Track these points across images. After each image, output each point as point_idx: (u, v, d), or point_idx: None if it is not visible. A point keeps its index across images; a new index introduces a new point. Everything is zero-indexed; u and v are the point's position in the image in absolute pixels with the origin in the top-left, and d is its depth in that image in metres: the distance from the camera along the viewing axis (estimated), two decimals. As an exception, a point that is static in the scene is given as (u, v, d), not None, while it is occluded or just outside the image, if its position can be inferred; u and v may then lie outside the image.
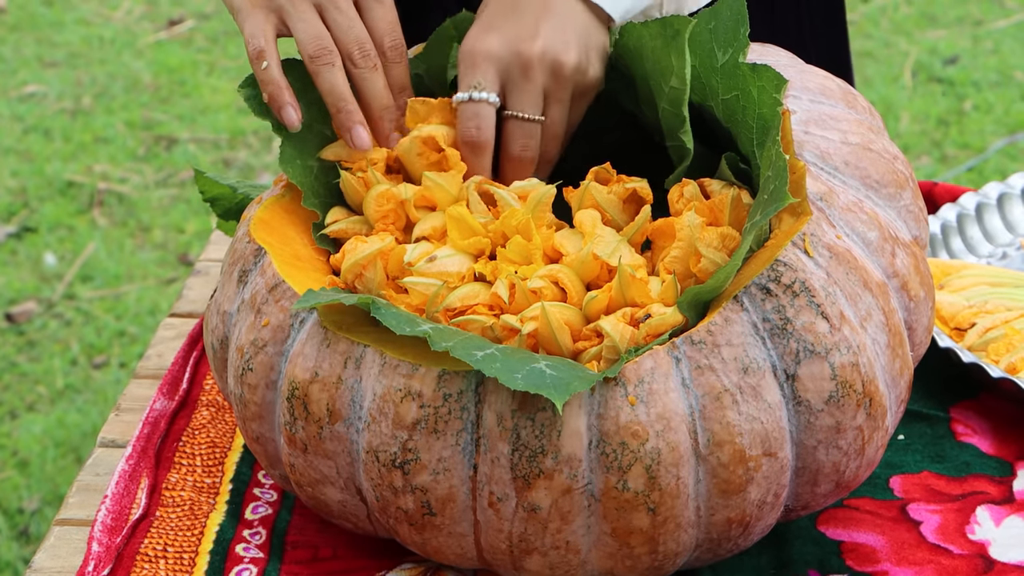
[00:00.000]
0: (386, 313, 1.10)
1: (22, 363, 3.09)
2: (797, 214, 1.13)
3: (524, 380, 1.05)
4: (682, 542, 1.12)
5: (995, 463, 1.34)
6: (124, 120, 3.95)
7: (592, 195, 1.20)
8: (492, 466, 1.09)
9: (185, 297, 1.64)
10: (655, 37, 1.21)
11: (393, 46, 1.28)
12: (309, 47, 1.25)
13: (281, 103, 1.25)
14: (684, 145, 1.21)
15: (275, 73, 1.25)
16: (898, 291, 1.17)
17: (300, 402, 1.13)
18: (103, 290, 3.30)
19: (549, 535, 1.10)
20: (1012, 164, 3.61)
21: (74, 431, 2.89)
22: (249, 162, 3.76)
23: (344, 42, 1.26)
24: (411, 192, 1.22)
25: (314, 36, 1.25)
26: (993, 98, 3.90)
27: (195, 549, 1.25)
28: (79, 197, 3.63)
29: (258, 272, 1.19)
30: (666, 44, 1.21)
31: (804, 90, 1.23)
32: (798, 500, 1.16)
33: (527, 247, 1.17)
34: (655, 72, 1.23)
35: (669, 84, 1.21)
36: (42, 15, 4.50)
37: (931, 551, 1.24)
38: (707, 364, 1.09)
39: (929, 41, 4.20)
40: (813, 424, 1.11)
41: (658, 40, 1.21)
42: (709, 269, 1.13)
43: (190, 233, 3.49)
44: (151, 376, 1.50)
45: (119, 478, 1.32)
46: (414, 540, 1.15)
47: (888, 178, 1.20)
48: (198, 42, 4.34)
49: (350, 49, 1.26)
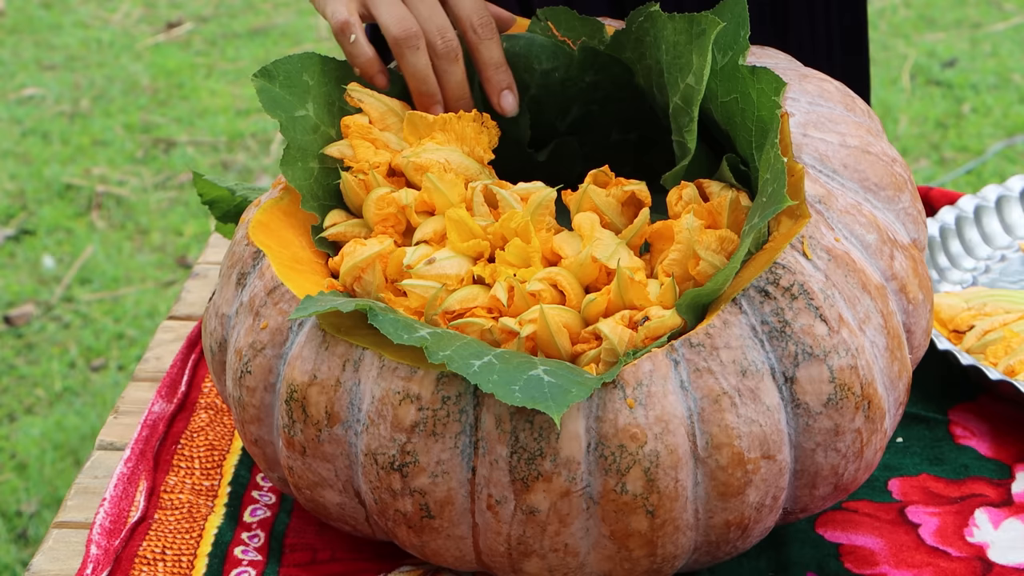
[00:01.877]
0: (383, 320, 1.10)
1: (20, 366, 3.09)
2: (796, 217, 1.13)
3: (521, 393, 1.05)
4: (680, 545, 1.12)
5: (994, 465, 1.34)
6: (122, 123, 3.95)
7: (590, 198, 1.20)
8: (491, 468, 1.09)
9: (183, 300, 1.64)
10: (679, 32, 1.21)
11: (482, 23, 1.29)
12: (395, 29, 1.27)
13: (373, 73, 1.28)
14: (686, 144, 1.21)
15: (365, 46, 1.28)
16: (897, 294, 1.17)
17: (299, 405, 1.13)
18: (101, 293, 3.30)
19: (548, 538, 1.10)
20: (1010, 167, 3.62)
21: (72, 434, 2.89)
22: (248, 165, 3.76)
23: (428, 31, 1.28)
24: (412, 197, 1.22)
25: (399, 18, 1.27)
26: (991, 101, 3.90)
27: (193, 552, 1.25)
28: (77, 200, 3.63)
29: (257, 275, 1.19)
30: (689, 41, 1.20)
31: (803, 93, 1.23)
32: (797, 503, 1.16)
33: (526, 250, 1.17)
34: (673, 65, 1.22)
35: (685, 80, 1.21)
36: (40, 18, 4.50)
37: (930, 553, 1.24)
38: (706, 367, 1.09)
39: (927, 44, 4.20)
40: (812, 427, 1.11)
41: (682, 36, 1.21)
42: (708, 272, 1.13)
43: (188, 236, 3.49)
44: (149, 379, 1.50)
45: (117, 481, 1.32)
46: (412, 543, 1.15)
47: (887, 181, 1.20)
48: (196, 45, 4.34)
49: (433, 39, 1.28)
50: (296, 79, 1.26)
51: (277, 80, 1.25)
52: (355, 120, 1.26)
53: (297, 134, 1.25)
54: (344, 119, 1.26)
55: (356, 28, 1.27)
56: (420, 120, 1.26)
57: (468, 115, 1.26)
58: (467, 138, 1.25)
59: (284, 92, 1.25)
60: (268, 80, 1.25)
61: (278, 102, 1.25)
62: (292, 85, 1.26)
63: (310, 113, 1.26)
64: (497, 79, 1.29)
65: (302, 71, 1.26)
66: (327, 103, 1.27)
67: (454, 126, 1.25)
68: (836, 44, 1.67)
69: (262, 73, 1.25)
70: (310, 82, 1.26)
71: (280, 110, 1.25)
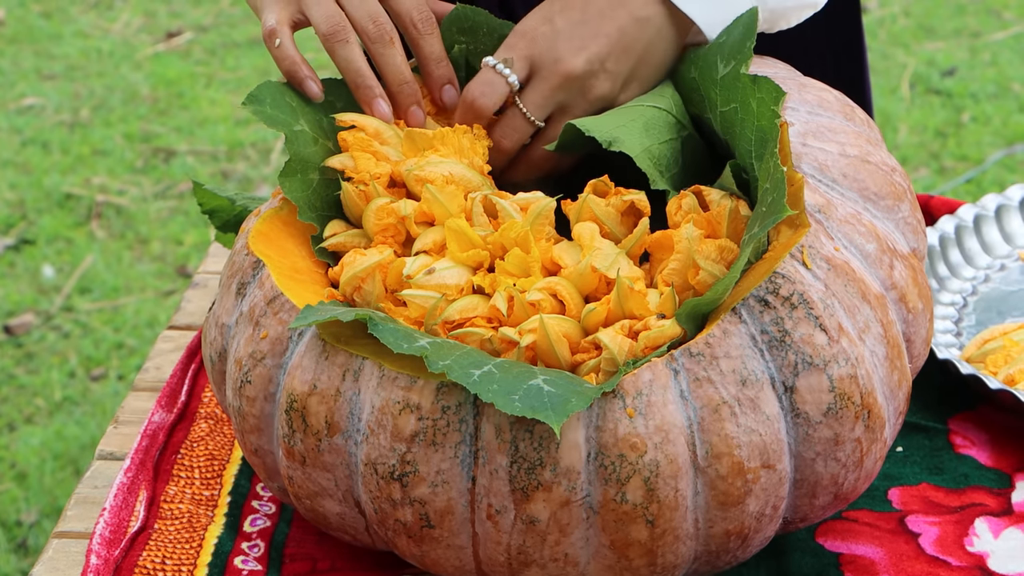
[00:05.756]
0: (383, 329, 1.10)
1: (20, 375, 3.09)
2: (795, 226, 1.13)
3: (521, 403, 1.05)
4: (680, 554, 1.12)
5: (994, 475, 1.34)
6: (122, 132, 3.95)
7: (590, 208, 1.20)
8: (491, 478, 1.09)
9: (183, 309, 1.64)
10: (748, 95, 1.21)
11: (422, 19, 1.30)
12: (323, 26, 1.27)
13: (300, 77, 1.27)
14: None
15: (289, 49, 1.27)
16: (896, 303, 1.17)
17: (298, 414, 1.13)
18: (101, 302, 3.30)
19: (547, 547, 1.10)
20: (1010, 176, 3.62)
21: (72, 443, 2.89)
22: (247, 174, 3.76)
23: (358, 19, 1.28)
24: (411, 208, 1.22)
25: (327, 15, 1.27)
26: (991, 110, 3.90)
27: (193, 562, 1.25)
28: (77, 209, 3.63)
29: (256, 284, 1.19)
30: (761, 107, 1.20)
31: (802, 102, 1.23)
32: (796, 512, 1.16)
33: (526, 259, 1.17)
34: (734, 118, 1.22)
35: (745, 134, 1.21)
36: (40, 28, 4.50)
37: (930, 563, 1.24)
38: (705, 376, 1.09)
39: (927, 53, 4.20)
40: (811, 436, 1.11)
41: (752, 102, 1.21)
42: (707, 281, 1.14)
43: (188, 245, 3.49)
44: (149, 388, 1.50)
45: (117, 491, 1.32)
46: (412, 552, 1.15)
47: (886, 190, 1.20)
48: (196, 54, 4.34)
49: (364, 25, 1.28)
50: (281, 101, 1.27)
51: (266, 103, 1.26)
52: (354, 134, 1.26)
53: (299, 146, 1.25)
54: (341, 134, 1.26)
55: (281, 33, 1.27)
56: (419, 136, 1.26)
57: (461, 127, 1.26)
58: (464, 149, 1.26)
59: (276, 111, 1.26)
60: (258, 104, 1.26)
61: (276, 119, 1.25)
62: (280, 106, 1.26)
63: (305, 128, 1.26)
64: (439, 73, 1.30)
65: (283, 95, 1.27)
66: (314, 120, 1.27)
67: (451, 139, 1.25)
68: (830, 54, 1.67)
69: (250, 99, 1.26)
70: (293, 104, 1.27)
71: (280, 125, 1.25)
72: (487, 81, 1.26)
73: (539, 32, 1.27)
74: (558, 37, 1.26)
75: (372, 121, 1.27)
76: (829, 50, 1.68)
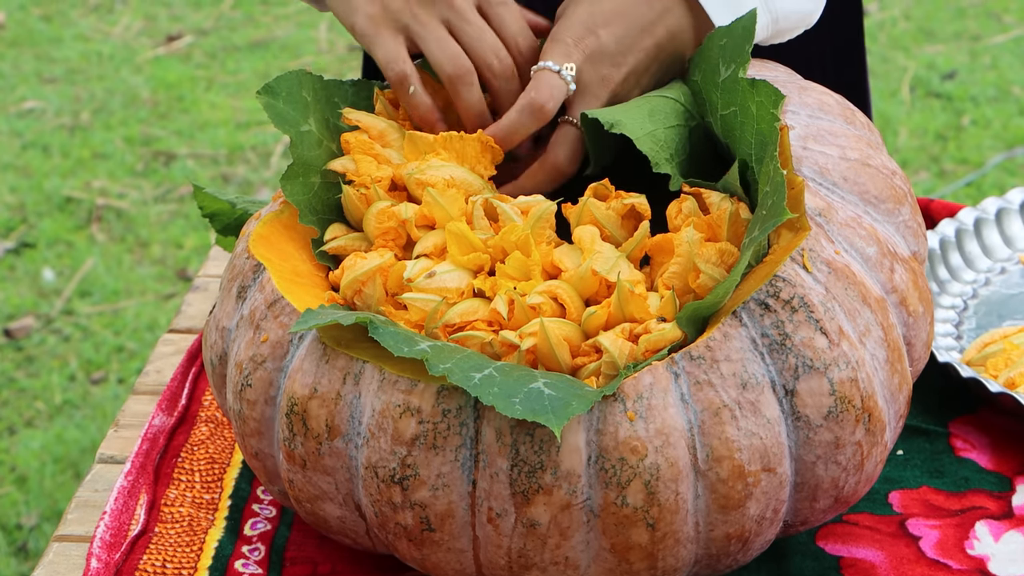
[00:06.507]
0: (384, 332, 1.10)
1: (20, 379, 3.09)
2: (796, 229, 1.13)
3: (522, 405, 1.05)
4: (681, 558, 1.12)
5: (994, 478, 1.34)
6: (123, 136, 3.95)
7: (591, 211, 1.20)
8: (491, 481, 1.09)
9: (184, 313, 1.64)
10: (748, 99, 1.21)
11: (529, 47, 1.30)
12: (448, 68, 1.26)
13: (433, 121, 1.28)
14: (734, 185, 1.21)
15: (423, 96, 1.27)
16: (897, 306, 1.17)
17: (299, 418, 1.13)
18: (102, 306, 3.30)
19: (548, 551, 1.10)
20: (1010, 179, 3.62)
21: (73, 447, 2.89)
22: (248, 177, 3.76)
23: (480, 53, 1.27)
24: (412, 211, 1.22)
25: (451, 56, 1.26)
26: (991, 113, 3.90)
27: (194, 565, 1.25)
28: (78, 213, 3.63)
29: (257, 288, 1.19)
30: (760, 110, 1.20)
31: (802, 106, 1.23)
32: (797, 515, 1.16)
33: (526, 263, 1.17)
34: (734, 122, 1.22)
35: (745, 137, 1.21)
36: (41, 31, 4.50)
37: (930, 566, 1.24)
38: (706, 379, 1.09)
39: (927, 56, 4.20)
40: (812, 439, 1.11)
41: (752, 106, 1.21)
42: (708, 285, 1.14)
43: (189, 248, 3.49)
44: (150, 392, 1.50)
45: (118, 494, 1.32)
46: (413, 556, 1.15)
47: (886, 193, 1.20)
48: (196, 58, 4.34)
49: (488, 60, 1.27)
50: (297, 95, 1.26)
51: (280, 96, 1.26)
52: (356, 136, 1.26)
53: (303, 149, 1.25)
54: (344, 135, 1.26)
55: (414, 79, 1.27)
56: (420, 139, 1.26)
57: (471, 136, 1.26)
58: (468, 156, 1.26)
59: (288, 108, 1.25)
60: (272, 97, 1.25)
61: (285, 118, 1.25)
62: (294, 101, 1.26)
63: (312, 128, 1.26)
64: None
65: (300, 88, 1.27)
66: (323, 119, 1.27)
67: (455, 144, 1.25)
68: (830, 57, 1.68)
69: (265, 90, 1.25)
70: (308, 98, 1.27)
71: (288, 125, 1.25)
72: (554, 84, 1.26)
73: (586, 44, 1.27)
74: (603, 53, 1.27)
75: (377, 122, 1.27)
76: (829, 53, 1.68)
